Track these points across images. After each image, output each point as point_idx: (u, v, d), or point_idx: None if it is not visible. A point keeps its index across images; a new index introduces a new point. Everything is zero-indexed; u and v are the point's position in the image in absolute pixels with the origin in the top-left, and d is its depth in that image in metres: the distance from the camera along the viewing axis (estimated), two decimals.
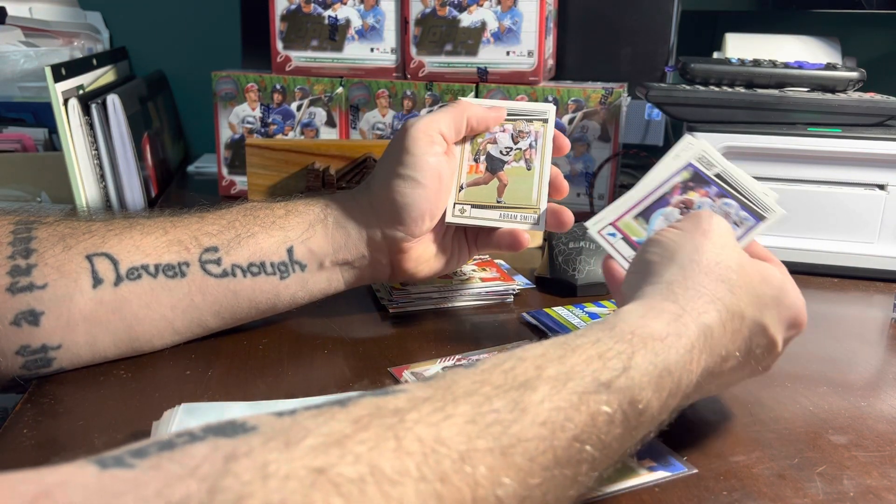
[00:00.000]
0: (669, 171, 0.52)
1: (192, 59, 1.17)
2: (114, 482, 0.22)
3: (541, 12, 0.84)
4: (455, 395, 0.30)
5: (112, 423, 0.44)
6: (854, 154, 0.70)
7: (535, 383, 0.32)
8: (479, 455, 0.28)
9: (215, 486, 0.23)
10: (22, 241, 0.47)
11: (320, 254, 0.53)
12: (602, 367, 0.34)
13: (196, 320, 0.52)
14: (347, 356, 0.54)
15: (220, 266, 0.51)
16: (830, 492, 0.39)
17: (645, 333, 0.37)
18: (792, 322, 0.44)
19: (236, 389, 0.48)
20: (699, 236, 0.43)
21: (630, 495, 0.38)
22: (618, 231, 0.52)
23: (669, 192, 0.51)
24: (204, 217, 0.53)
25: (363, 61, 0.89)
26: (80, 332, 0.48)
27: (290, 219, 0.53)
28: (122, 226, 0.51)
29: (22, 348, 0.47)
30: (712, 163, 0.51)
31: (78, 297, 0.47)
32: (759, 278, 0.43)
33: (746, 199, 0.50)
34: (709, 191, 0.51)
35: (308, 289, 0.54)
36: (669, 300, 0.40)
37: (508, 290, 0.64)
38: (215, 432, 0.26)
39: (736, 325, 0.40)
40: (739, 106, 0.74)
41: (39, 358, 0.48)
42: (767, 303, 0.42)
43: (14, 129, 0.91)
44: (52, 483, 0.22)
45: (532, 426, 0.30)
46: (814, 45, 0.94)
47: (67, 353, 0.48)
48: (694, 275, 0.41)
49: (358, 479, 0.25)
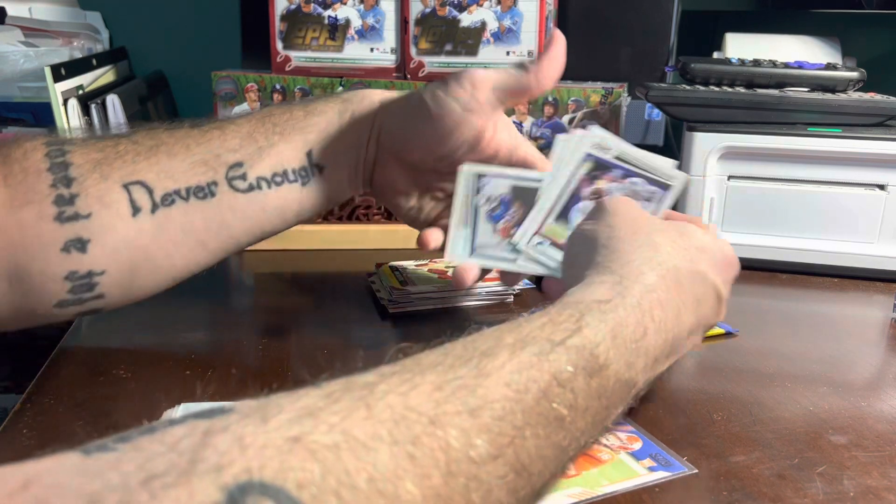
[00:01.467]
0: (571, 167, 0.53)
1: (192, 59, 1.17)
2: (97, 463, 0.23)
3: (541, 12, 0.84)
4: (422, 368, 0.31)
5: (112, 423, 0.44)
6: (854, 154, 0.70)
7: (495, 350, 0.33)
8: (448, 418, 0.29)
9: (195, 457, 0.23)
10: (59, 167, 0.48)
11: (336, 152, 0.54)
12: (554, 329, 0.36)
13: (228, 238, 0.53)
14: (347, 356, 0.54)
15: (245, 181, 0.52)
16: (830, 492, 0.39)
17: (590, 299, 0.39)
18: (724, 263, 0.46)
19: (236, 390, 0.48)
20: (608, 216, 0.46)
21: (630, 495, 0.38)
22: (544, 238, 0.53)
23: (578, 187, 0.53)
24: (224, 129, 0.53)
25: (363, 61, 0.89)
26: (124, 258, 0.49)
27: (310, 119, 0.54)
28: (148, 147, 0.51)
29: (70, 273, 0.48)
30: (608, 147, 0.53)
31: (120, 226, 0.49)
32: (677, 233, 0.45)
33: (650, 174, 0.52)
34: (614, 175, 0.52)
35: (328, 193, 0.55)
36: (605, 273, 0.41)
37: (508, 291, 0.64)
38: (194, 416, 0.26)
39: (674, 277, 0.42)
40: (739, 106, 0.74)
41: (85, 283, 0.49)
42: (694, 253, 0.44)
43: (14, 129, 0.91)
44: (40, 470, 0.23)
45: (497, 387, 0.31)
46: (814, 45, 0.94)
47: (110, 278, 0.49)
48: (619, 248, 0.43)
49: (332, 446, 0.26)
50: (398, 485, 0.26)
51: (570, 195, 0.53)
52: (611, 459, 0.41)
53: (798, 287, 0.71)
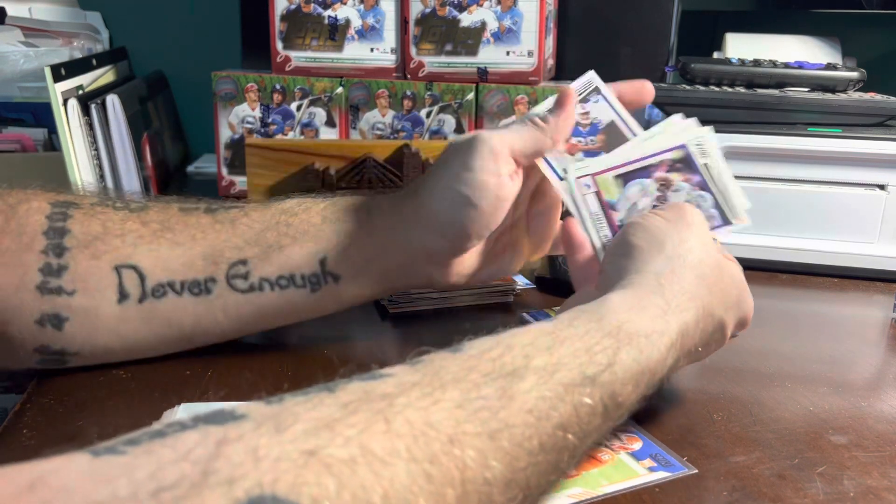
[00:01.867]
0: (664, 145, 0.51)
1: (192, 59, 1.17)
2: (107, 467, 0.23)
3: (541, 12, 0.84)
4: (443, 381, 0.31)
5: (112, 424, 0.44)
6: (854, 154, 0.70)
7: (523, 373, 0.33)
8: (467, 438, 0.29)
9: (208, 468, 0.23)
10: (56, 232, 0.47)
11: (354, 265, 0.50)
12: (588, 361, 0.35)
13: (215, 334, 0.51)
14: (347, 356, 0.54)
15: (247, 281, 0.49)
16: (830, 492, 0.39)
17: (631, 330, 0.38)
18: (742, 321, 0.47)
19: (236, 390, 0.48)
20: (684, 228, 0.45)
21: (630, 495, 0.38)
22: (594, 185, 0.51)
23: (656, 166, 0.51)
24: (236, 225, 0.50)
25: (363, 61, 0.89)
26: (100, 342, 0.48)
27: (326, 227, 0.50)
28: (154, 231, 0.49)
29: (42, 347, 0.47)
30: (706, 152, 0.51)
31: (103, 310, 0.47)
32: (729, 278, 0.45)
33: (722, 199, 0.51)
34: (691, 178, 0.51)
35: (340, 300, 0.51)
36: (657, 294, 0.41)
37: (508, 290, 0.64)
38: (205, 420, 0.26)
39: (706, 323, 0.43)
40: (739, 106, 0.74)
41: (56, 359, 0.48)
42: (731, 303, 0.45)
43: (14, 130, 0.91)
44: (47, 470, 0.22)
45: (519, 413, 0.31)
46: (814, 45, 0.94)
47: (82, 358, 0.49)
48: (680, 269, 0.42)
49: (349, 460, 0.25)
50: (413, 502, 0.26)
51: (644, 167, 0.51)
52: (611, 459, 0.41)
53: (798, 287, 0.71)
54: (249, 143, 0.77)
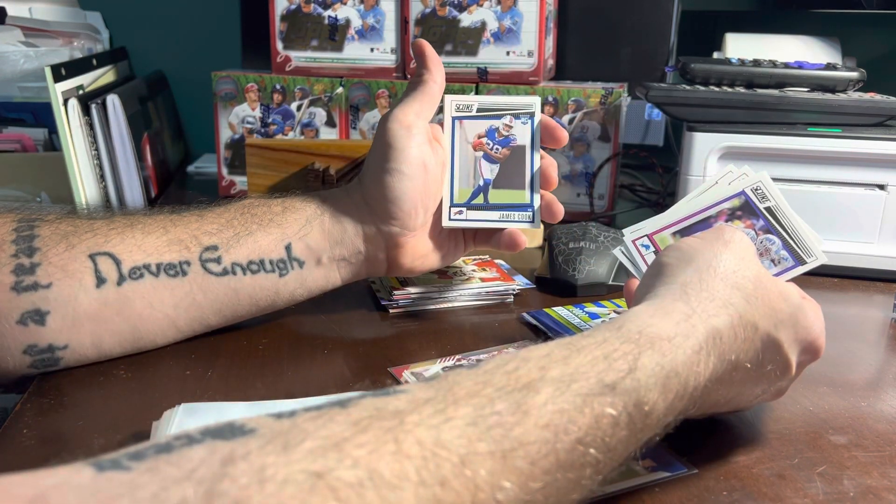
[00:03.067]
0: (720, 195, 0.50)
1: (192, 59, 1.17)
2: (110, 484, 0.22)
3: (541, 12, 0.84)
4: (457, 397, 0.30)
5: (112, 423, 0.44)
6: (854, 154, 0.70)
7: (538, 385, 0.31)
8: (479, 459, 0.28)
9: (212, 489, 0.22)
10: (25, 238, 0.47)
11: (318, 250, 0.54)
12: (607, 368, 0.33)
13: (198, 318, 0.52)
14: (347, 356, 0.54)
15: (220, 264, 0.51)
16: (830, 492, 0.39)
17: (652, 333, 0.36)
18: (808, 346, 0.43)
19: (236, 389, 0.48)
20: (720, 245, 0.43)
21: (630, 495, 0.38)
22: (652, 244, 0.51)
23: (715, 217, 0.50)
24: (203, 215, 0.53)
25: (363, 61, 0.89)
26: (86, 331, 0.48)
27: (288, 215, 0.54)
28: (124, 224, 0.51)
29: (29, 347, 0.47)
30: (766, 196, 0.50)
31: (82, 297, 0.48)
32: (777, 293, 0.42)
33: (791, 240, 0.49)
34: (755, 223, 0.49)
35: (306, 285, 0.54)
36: (681, 301, 0.39)
37: (508, 290, 0.64)
38: (213, 435, 0.25)
39: (748, 333, 0.39)
40: (739, 106, 0.74)
41: (47, 357, 0.48)
42: (783, 319, 0.41)
43: (14, 129, 0.91)
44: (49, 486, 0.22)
45: (534, 429, 0.30)
46: (814, 45, 0.94)
47: (73, 353, 0.49)
48: (709, 279, 0.40)
49: (356, 484, 0.25)
50: None
51: (703, 219, 0.50)
52: None
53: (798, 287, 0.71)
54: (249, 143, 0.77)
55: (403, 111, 0.54)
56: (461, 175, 0.58)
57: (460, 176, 0.58)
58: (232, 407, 0.43)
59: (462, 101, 0.59)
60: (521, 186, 0.58)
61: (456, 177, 0.58)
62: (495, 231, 0.59)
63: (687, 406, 0.37)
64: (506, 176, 0.58)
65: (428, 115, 0.55)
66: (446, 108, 0.59)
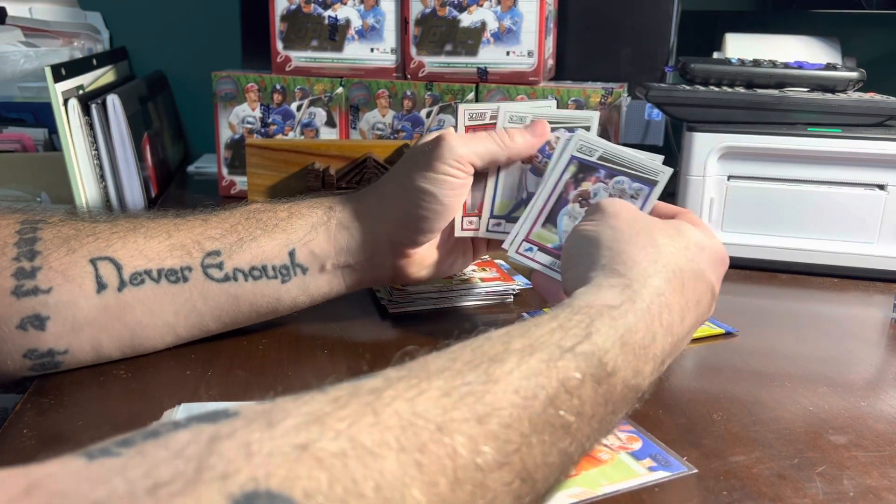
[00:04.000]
0: (558, 171, 0.54)
1: (192, 59, 1.17)
2: (102, 468, 0.23)
3: (541, 12, 0.84)
4: (429, 373, 0.31)
5: (112, 423, 0.44)
6: (854, 154, 0.70)
7: (504, 356, 0.33)
8: (455, 425, 0.29)
9: (201, 464, 0.23)
10: (27, 241, 0.47)
11: (322, 256, 0.53)
12: (564, 335, 0.36)
13: (197, 324, 0.52)
14: (347, 357, 0.54)
15: (221, 270, 0.51)
16: (830, 492, 0.39)
17: (600, 304, 0.39)
18: (718, 260, 0.47)
19: (236, 390, 0.48)
20: (610, 218, 0.46)
21: (630, 495, 0.38)
22: (532, 244, 0.54)
23: (564, 191, 0.54)
24: (207, 220, 0.52)
25: (363, 61, 0.89)
26: (86, 336, 0.48)
27: (293, 221, 0.53)
28: (126, 228, 0.50)
29: (29, 352, 0.47)
30: (593, 148, 0.54)
31: (83, 303, 0.47)
32: (676, 231, 0.45)
33: (634, 171, 0.53)
34: (598, 175, 0.53)
35: (309, 292, 0.54)
36: (613, 276, 0.42)
37: (508, 290, 0.64)
38: (198, 419, 0.26)
39: (678, 280, 0.42)
40: (739, 106, 0.74)
41: (47, 361, 0.48)
42: (694, 252, 0.45)
43: (14, 129, 0.91)
44: (42, 474, 0.22)
45: (505, 394, 0.31)
46: (814, 45, 0.94)
47: (73, 357, 0.49)
48: (623, 250, 0.43)
49: (340, 453, 0.25)
50: (405, 493, 0.26)
51: (557, 199, 0.54)
52: (611, 459, 0.41)
53: (798, 287, 0.71)
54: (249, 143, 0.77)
55: (468, 146, 0.53)
56: (504, 187, 0.57)
57: (503, 187, 0.57)
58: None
59: (476, 109, 0.57)
60: None
61: (500, 187, 0.57)
62: None
63: (655, 367, 0.39)
64: None
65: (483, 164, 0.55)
66: (459, 116, 0.57)
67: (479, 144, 0.54)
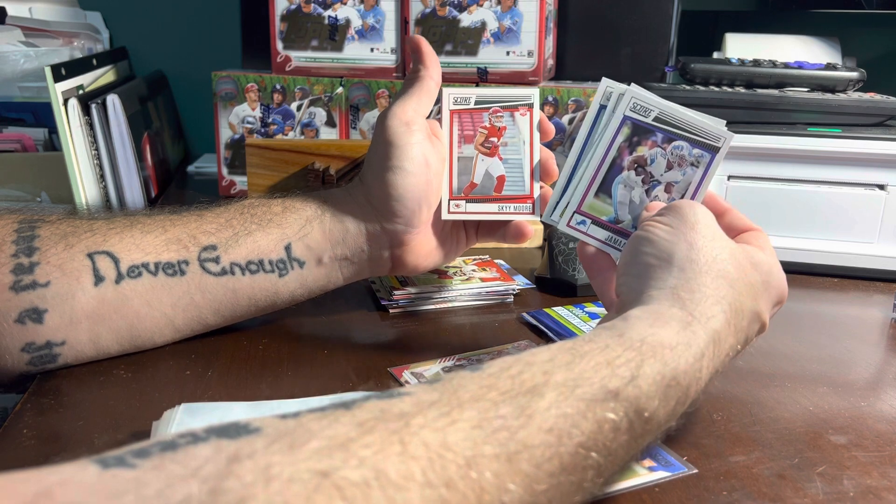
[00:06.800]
0: (610, 134, 0.49)
1: (192, 59, 1.17)
2: (115, 481, 0.22)
3: (541, 12, 0.84)
4: (461, 400, 0.30)
5: (112, 423, 0.44)
6: (854, 154, 0.70)
7: (543, 389, 0.32)
8: (485, 461, 0.28)
9: (217, 487, 0.22)
10: (25, 239, 0.48)
11: (318, 250, 0.53)
12: (610, 374, 0.34)
13: (196, 318, 0.52)
14: (347, 356, 0.54)
15: (218, 264, 0.51)
16: (830, 492, 0.39)
17: (654, 342, 0.37)
18: (778, 300, 0.46)
19: (236, 389, 0.48)
20: (688, 231, 0.43)
21: (630, 495, 0.38)
22: (585, 217, 0.51)
23: (618, 156, 0.50)
24: (202, 215, 0.53)
25: (363, 61, 0.89)
26: (83, 329, 0.49)
27: (287, 215, 0.53)
28: (123, 224, 0.51)
29: (27, 345, 0.48)
30: (648, 108, 0.49)
31: (80, 295, 0.48)
32: (750, 266, 0.43)
33: (695, 136, 0.48)
34: (655, 140, 0.49)
35: (307, 286, 0.54)
36: (676, 306, 0.40)
37: (508, 290, 0.64)
38: (218, 434, 0.25)
39: (738, 320, 0.41)
40: (739, 106, 0.74)
41: (44, 354, 0.48)
42: (759, 289, 0.43)
43: (14, 129, 0.91)
44: (53, 482, 0.22)
45: (539, 433, 0.30)
46: (814, 45, 0.94)
47: (71, 349, 0.49)
48: (695, 276, 0.41)
49: (362, 483, 0.24)
50: None
51: (610, 165, 0.49)
52: None
53: (798, 287, 0.71)
54: (249, 143, 0.77)
55: (402, 108, 0.53)
56: (460, 167, 0.58)
57: (459, 168, 0.58)
58: (233, 407, 0.43)
59: (460, 93, 0.58)
60: (521, 178, 0.57)
61: (455, 169, 0.57)
62: (500, 224, 0.59)
63: (688, 409, 0.38)
64: (505, 167, 0.58)
65: (426, 110, 0.55)
66: (444, 101, 0.58)
67: (407, 94, 0.54)
